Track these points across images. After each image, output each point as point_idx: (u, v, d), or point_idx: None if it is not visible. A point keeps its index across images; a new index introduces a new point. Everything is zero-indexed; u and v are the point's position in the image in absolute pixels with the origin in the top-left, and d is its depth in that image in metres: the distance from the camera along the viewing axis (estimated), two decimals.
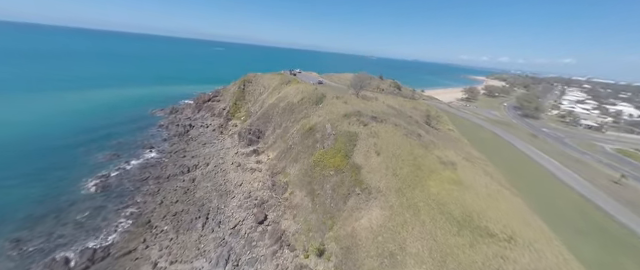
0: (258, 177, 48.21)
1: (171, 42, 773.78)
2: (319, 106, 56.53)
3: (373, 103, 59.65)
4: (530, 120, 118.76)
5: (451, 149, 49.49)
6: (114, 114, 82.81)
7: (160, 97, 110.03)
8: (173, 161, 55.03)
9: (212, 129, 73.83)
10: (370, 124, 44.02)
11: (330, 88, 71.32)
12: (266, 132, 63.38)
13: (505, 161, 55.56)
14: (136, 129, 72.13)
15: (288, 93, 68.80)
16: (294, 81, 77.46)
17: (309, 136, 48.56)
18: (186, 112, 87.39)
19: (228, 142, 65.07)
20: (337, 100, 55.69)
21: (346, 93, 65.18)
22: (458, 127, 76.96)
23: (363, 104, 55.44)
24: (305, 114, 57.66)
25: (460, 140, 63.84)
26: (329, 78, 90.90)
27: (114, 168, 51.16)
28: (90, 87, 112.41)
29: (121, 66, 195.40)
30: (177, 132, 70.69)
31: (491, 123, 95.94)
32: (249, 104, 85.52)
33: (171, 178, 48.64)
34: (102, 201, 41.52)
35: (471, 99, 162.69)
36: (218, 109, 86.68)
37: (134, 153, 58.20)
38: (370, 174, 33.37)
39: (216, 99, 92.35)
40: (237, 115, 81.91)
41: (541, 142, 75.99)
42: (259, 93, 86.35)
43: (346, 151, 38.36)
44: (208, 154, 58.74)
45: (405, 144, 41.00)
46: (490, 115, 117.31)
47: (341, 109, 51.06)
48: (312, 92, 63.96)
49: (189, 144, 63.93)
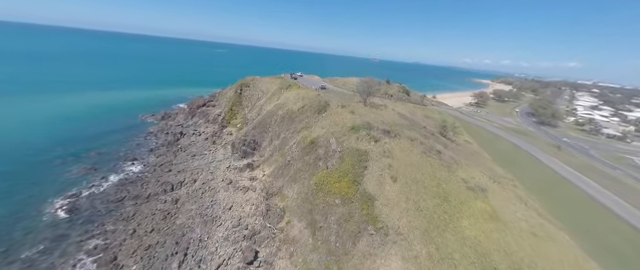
0: (251, 199, 41.64)
1: (173, 43, 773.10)
2: (322, 115, 50.01)
3: (383, 112, 53.05)
4: (547, 128, 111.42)
5: (475, 167, 42.76)
6: (100, 120, 76.83)
7: (155, 101, 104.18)
8: (157, 176, 48.65)
9: (204, 138, 67.53)
10: (382, 140, 37.39)
11: (334, 94, 64.93)
12: (262, 143, 56.94)
13: (534, 180, 48.59)
14: (122, 137, 66.01)
15: (288, 99, 62.44)
16: (295, 86, 71.13)
17: (310, 151, 42.01)
18: (179, 118, 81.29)
19: (220, 153, 58.66)
20: (342, 109, 49.15)
21: (352, 100, 58.67)
22: (474, 137, 70.05)
23: (372, 114, 48.84)
24: (306, 124, 51.18)
25: (480, 154, 56.95)
26: (333, 82, 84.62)
27: (88, 185, 44.85)
28: (79, 90, 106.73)
29: (117, 67, 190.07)
30: (166, 141, 64.46)
31: (507, 132, 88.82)
32: (246, 110, 79.24)
33: (151, 198, 42.20)
34: (66, 228, 35.15)
35: (480, 104, 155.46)
36: (213, 115, 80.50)
37: (114, 166, 51.93)
38: (386, 208, 26.66)
39: (211, 104, 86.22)
40: (233, 122, 75.63)
41: (566, 155, 68.84)
42: (257, 98, 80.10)
43: (355, 175, 31.70)
44: (197, 168, 52.32)
45: (425, 165, 34.30)
46: (504, 122, 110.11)
47: (347, 120, 44.49)
48: (314, 99, 57.51)
49: (177, 155, 57.60)
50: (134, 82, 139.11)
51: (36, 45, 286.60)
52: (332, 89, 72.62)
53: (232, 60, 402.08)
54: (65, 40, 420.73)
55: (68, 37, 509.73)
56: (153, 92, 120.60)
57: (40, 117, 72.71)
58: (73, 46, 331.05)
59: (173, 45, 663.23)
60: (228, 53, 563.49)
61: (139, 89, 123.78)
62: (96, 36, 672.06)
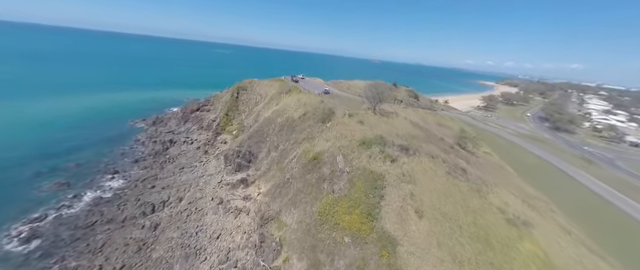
0: (243, 224, 35.60)
1: (174, 44, 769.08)
2: (326, 125, 43.90)
3: (394, 121, 46.88)
4: (563, 134, 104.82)
5: (505, 189, 36.51)
6: (86, 126, 71.08)
7: (148, 104, 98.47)
8: (137, 194, 42.69)
9: (196, 146, 61.60)
10: (400, 158, 31.23)
11: (339, 100, 58.91)
12: (259, 155, 50.90)
13: (570, 201, 42.28)
14: (106, 146, 60.22)
15: (288, 105, 56.44)
16: (295, 90, 65.13)
17: (313, 169, 35.92)
18: (171, 123, 75.46)
19: (212, 166, 52.68)
20: (350, 119, 43.02)
21: (360, 107, 52.55)
22: (491, 146, 63.75)
23: (383, 124, 42.70)
24: (308, 135, 45.12)
25: (504, 169, 50.65)
26: (337, 86, 78.67)
27: (57, 205, 38.98)
28: (67, 92, 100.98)
29: (112, 68, 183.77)
30: (153, 150, 58.58)
31: (524, 139, 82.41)
32: (243, 115, 73.30)
33: (127, 223, 36.22)
34: (17, 265, 29.25)
35: (490, 108, 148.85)
36: (207, 120, 74.61)
37: (91, 181, 46.04)
38: (414, 257, 20.49)
39: (206, 108, 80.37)
40: (228, 129, 69.71)
41: (597, 168, 62.39)
42: (255, 103, 74.18)
43: (369, 206, 25.56)
44: (185, 183, 46.33)
45: (453, 190, 28.11)
46: (517, 128, 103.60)
47: (356, 132, 38.38)
48: (317, 105, 51.45)
49: (164, 167, 51.66)
50: (129, 84, 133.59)
51: (25, 44, 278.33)
52: (336, 93, 66.67)
53: (234, 61, 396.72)
54: (59, 40, 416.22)
55: (62, 37, 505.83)
56: (148, 94, 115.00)
57: (19, 122, 67.04)
58: (66, 46, 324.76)
59: (174, 45, 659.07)
60: (231, 54, 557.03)
61: (133, 91, 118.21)
62: (94, 36, 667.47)
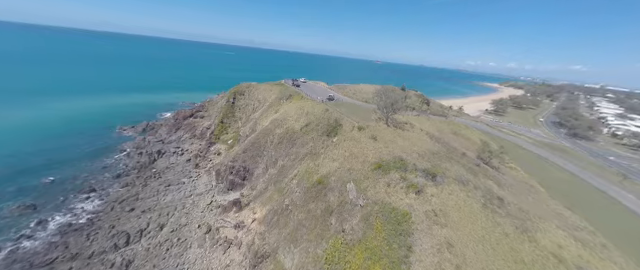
0: (233, 263, 29.52)
1: (177, 45, 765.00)
2: (332, 140, 37.79)
3: (410, 134, 40.70)
4: (583, 142, 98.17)
5: (550, 222, 30.25)
6: (69, 134, 65.31)
7: (140, 108, 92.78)
8: (113, 219, 36.73)
9: (187, 158, 55.66)
10: (426, 188, 25.08)
11: (345, 107, 52.84)
12: (255, 171, 44.82)
13: (621, 232, 35.78)
14: (87, 158, 54.44)
15: (288, 114, 50.38)
16: (296, 96, 59.09)
17: (317, 196, 29.82)
18: (161, 131, 69.60)
19: (203, 182, 46.69)
20: (360, 132, 36.87)
21: (369, 117, 46.38)
22: (514, 159, 57.35)
23: (399, 138, 36.52)
24: (311, 150, 39.05)
25: (535, 189, 44.26)
26: (341, 90, 72.65)
27: (15, 235, 33.11)
28: (55, 96, 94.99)
29: (107, 70, 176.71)
30: (138, 163, 52.69)
31: (545, 149, 75.92)
32: (239, 123, 67.36)
33: (95, 259, 30.24)
34: None
35: (499, 112, 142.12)
36: (201, 128, 68.71)
37: (62, 202, 40.17)
38: None
39: (200, 114, 74.47)
40: (223, 138, 63.77)
41: (632, 183, 55.79)
42: (252, 109, 68.25)
43: (394, 261, 19.37)
44: (169, 205, 40.35)
45: (498, 236, 22.04)
46: (533, 135, 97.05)
47: (369, 150, 32.24)
48: (321, 115, 45.36)
49: (148, 184, 45.69)
50: (121, 87, 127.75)
51: (15, 45, 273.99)
52: (342, 100, 60.64)
53: (237, 62, 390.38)
54: (60, 41, 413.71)
55: (64, 38, 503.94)
56: (141, 98, 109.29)
57: None
58: (55, 46, 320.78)
59: (175, 46, 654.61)
60: (234, 56, 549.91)
61: (126, 95, 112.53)
62: (95, 37, 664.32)
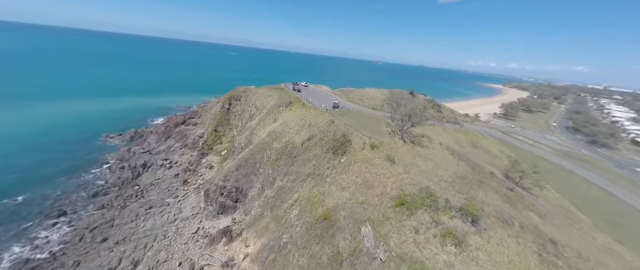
0: None
1: (177, 45, 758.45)
2: (340, 160, 31.88)
3: (431, 152, 34.76)
4: (603, 150, 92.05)
5: (610, 268, 24.42)
6: (50, 142, 59.70)
7: (131, 113, 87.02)
8: (79, 254, 30.96)
9: (175, 173, 49.84)
10: (466, 237, 19.11)
11: (352, 117, 46.90)
12: (249, 192, 38.95)
13: None
14: (62, 172, 48.71)
15: (287, 124, 44.46)
16: (297, 103, 53.20)
17: (323, 236, 23.93)
18: (150, 140, 63.82)
19: (190, 204, 40.85)
20: (373, 151, 30.93)
21: (381, 129, 40.41)
22: (538, 172, 51.26)
23: (420, 160, 30.55)
24: (314, 169, 33.17)
25: (574, 214, 38.24)
26: (346, 96, 66.72)
27: None
28: (38, 98, 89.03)
29: (99, 71, 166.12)
30: (120, 179, 46.93)
31: (567, 159, 69.93)
32: (234, 131, 61.54)
33: None
34: None
35: (510, 116, 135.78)
36: (193, 137, 62.91)
37: (24, 230, 34.48)
38: None
39: (192, 121, 68.62)
40: (216, 148, 58.01)
41: None
42: (249, 116, 62.41)
43: None
44: (148, 234, 34.51)
45: None
46: (550, 142, 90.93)
47: (387, 177, 26.30)
48: (326, 127, 39.43)
49: (127, 206, 39.89)
50: (113, 89, 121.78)
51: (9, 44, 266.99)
52: (347, 107, 54.77)
53: (238, 63, 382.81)
54: (57, 40, 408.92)
55: (62, 37, 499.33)
56: (133, 102, 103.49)
57: None
58: (61, 47, 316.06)
59: (175, 46, 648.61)
60: (236, 56, 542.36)
61: (119, 97, 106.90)
62: (93, 36, 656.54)
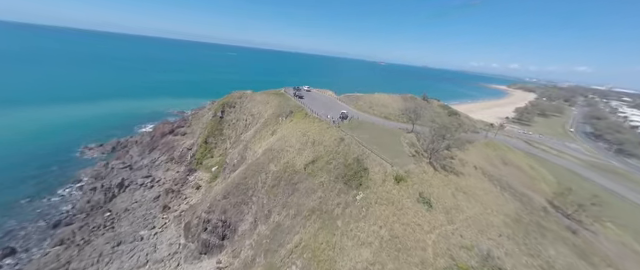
0: None
1: (180, 45, 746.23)
2: (355, 196, 24.47)
3: (469, 182, 27.30)
4: (633, 160, 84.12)
5: None
6: (20, 154, 52.87)
7: (117, 120, 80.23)
8: None
9: (155, 195, 42.60)
10: None
11: (365, 130, 39.49)
12: (239, 226, 31.61)
13: None
14: (26, 194, 41.79)
15: (287, 140, 37.09)
16: (298, 112, 45.80)
17: None
18: (132, 152, 56.73)
19: (167, 238, 33.55)
20: (399, 186, 23.45)
21: (401, 147, 32.94)
22: None
23: (462, 197, 23.09)
24: (321, 204, 25.82)
25: None
26: (354, 103, 59.21)
27: None
28: (24, 103, 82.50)
29: (88, 73, 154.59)
30: (90, 203, 39.78)
31: (597, 172, 62.30)
32: (227, 143, 54.27)
33: None
34: None
35: (524, 121, 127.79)
36: (180, 148, 55.72)
37: None
38: None
39: (181, 131, 61.39)
40: (206, 163, 50.76)
41: None
42: (244, 126, 55.08)
43: None
44: None
45: None
46: (574, 152, 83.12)
47: (426, 233, 18.85)
48: (334, 147, 32.01)
49: (91, 241, 32.67)
50: (106, 91, 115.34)
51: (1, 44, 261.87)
52: (357, 117, 47.40)
53: (237, 64, 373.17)
54: (53, 40, 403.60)
55: (58, 37, 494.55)
56: (124, 105, 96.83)
57: None
58: (55, 46, 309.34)
59: (173, 47, 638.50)
60: (235, 56, 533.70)
61: (107, 101, 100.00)
62: (91, 36, 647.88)
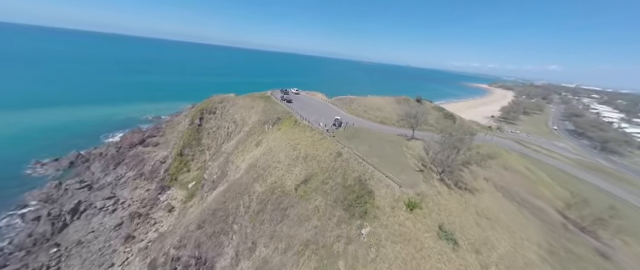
0: None
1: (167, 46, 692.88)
2: (361, 228, 19.92)
3: (486, 201, 23.60)
4: (615, 157, 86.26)
5: None
6: None
7: (85, 126, 70.72)
8: None
9: (118, 221, 35.96)
10: None
11: (362, 139, 35.17)
12: (217, 263, 26.12)
13: None
14: None
15: (274, 154, 31.95)
16: (287, 119, 40.71)
17: None
18: (95, 167, 49.00)
19: None
20: (413, 215, 19.09)
21: (405, 160, 28.83)
22: None
23: (486, 223, 19.10)
24: (316, 234, 21.16)
25: None
26: (348, 106, 54.62)
27: None
28: None
29: (70, 73, 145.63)
30: (32, 236, 32.60)
31: (591, 172, 62.13)
32: (207, 154, 48.10)
33: None
34: None
35: (510, 120, 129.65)
36: (152, 162, 48.80)
37: None
38: None
39: (153, 141, 54.19)
40: (181, 178, 44.41)
41: None
42: (225, 134, 49.09)
43: None
44: None
45: None
46: (562, 150, 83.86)
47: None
48: (330, 163, 27.30)
49: None
50: (75, 95, 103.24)
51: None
52: (352, 123, 43.00)
53: (226, 65, 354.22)
54: (25, 37, 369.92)
55: (31, 35, 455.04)
56: (93, 111, 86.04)
57: None
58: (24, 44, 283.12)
59: (162, 46, 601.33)
60: (225, 57, 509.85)
61: (74, 106, 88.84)
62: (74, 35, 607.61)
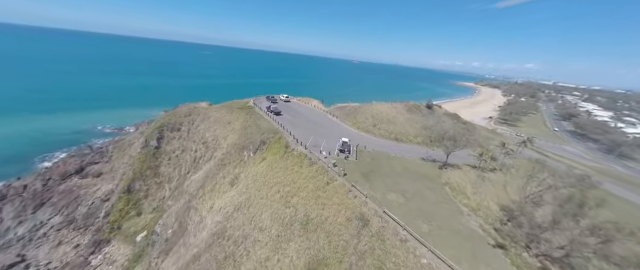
0: None
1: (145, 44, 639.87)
2: None
3: None
4: (632, 163, 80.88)
5: None
6: None
7: (12, 146, 54.91)
8: None
9: None
10: None
11: (383, 176, 24.49)
12: None
13: None
14: None
15: (255, 212, 20.34)
16: (275, 143, 29.06)
17: None
18: (6, 211, 34.93)
19: None
20: None
21: (468, 221, 18.08)
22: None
23: None
24: None
25: None
26: (352, 118, 43.20)
27: None
28: None
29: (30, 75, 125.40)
30: None
31: (610, 179, 54.78)
32: (166, 189, 35.38)
33: None
34: None
35: (510, 122, 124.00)
36: (90, 200, 35.44)
37: None
38: None
39: (94, 170, 40.35)
40: (126, 227, 31.64)
41: None
42: (192, 160, 36.59)
43: None
44: None
45: None
46: (572, 155, 77.41)
47: None
48: (349, 240, 16.00)
49: None
50: (6, 104, 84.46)
51: None
52: (363, 145, 32.14)
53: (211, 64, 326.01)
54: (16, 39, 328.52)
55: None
56: (30, 124, 67.24)
57: None
58: None
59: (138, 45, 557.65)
60: (210, 55, 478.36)
61: (14, 115, 71.42)
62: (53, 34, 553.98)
